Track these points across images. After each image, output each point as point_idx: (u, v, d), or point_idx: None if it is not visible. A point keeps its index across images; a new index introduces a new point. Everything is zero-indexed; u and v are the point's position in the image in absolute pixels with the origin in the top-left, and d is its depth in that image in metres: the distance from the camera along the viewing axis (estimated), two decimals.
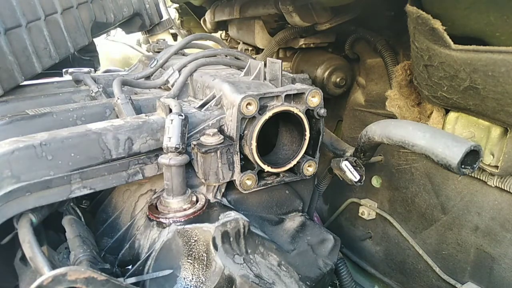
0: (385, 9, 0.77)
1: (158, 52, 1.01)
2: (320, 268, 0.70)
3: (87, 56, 1.54)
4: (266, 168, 0.66)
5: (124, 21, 1.18)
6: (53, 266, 0.53)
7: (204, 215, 0.62)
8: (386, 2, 0.74)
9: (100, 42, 2.39)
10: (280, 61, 0.69)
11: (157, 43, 1.05)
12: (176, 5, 1.61)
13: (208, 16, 1.29)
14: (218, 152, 0.63)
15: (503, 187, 0.67)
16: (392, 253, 0.99)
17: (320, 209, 1.26)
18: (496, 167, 0.65)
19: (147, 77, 0.88)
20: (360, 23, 0.86)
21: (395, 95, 0.77)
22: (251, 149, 0.64)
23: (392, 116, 0.79)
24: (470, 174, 0.66)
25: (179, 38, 1.83)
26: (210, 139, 0.64)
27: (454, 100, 0.62)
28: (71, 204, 0.67)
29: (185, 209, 0.62)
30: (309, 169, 0.71)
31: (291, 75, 0.76)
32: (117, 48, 2.46)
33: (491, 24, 0.53)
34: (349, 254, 1.14)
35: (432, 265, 0.86)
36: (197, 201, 0.64)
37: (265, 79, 0.71)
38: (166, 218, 0.61)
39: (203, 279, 0.58)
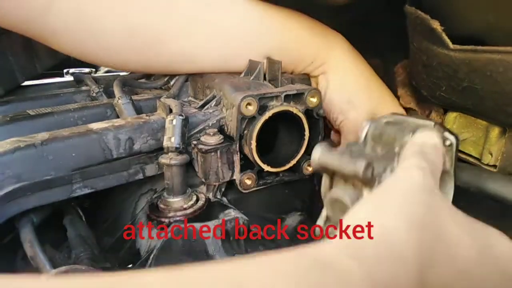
0: (384, 9, 0.78)
1: None
2: None
3: None
4: (266, 167, 0.67)
5: None
6: (54, 265, 0.54)
7: (204, 214, 0.63)
8: (385, 2, 0.74)
9: None
10: (280, 61, 0.70)
11: None
12: None
13: None
14: (218, 151, 0.64)
15: None
16: None
17: None
18: (495, 166, 0.65)
19: (148, 78, 0.89)
20: (360, 23, 0.86)
21: (406, 92, 0.78)
22: (251, 149, 0.64)
23: None
24: None
25: None
26: (210, 139, 0.64)
27: (452, 100, 0.63)
28: (72, 203, 0.67)
29: (185, 208, 0.62)
30: (309, 168, 0.71)
31: (291, 75, 0.76)
32: None
33: (489, 24, 0.53)
34: None
35: None
36: (197, 200, 0.65)
37: (265, 79, 0.71)
38: (166, 217, 0.61)
39: None
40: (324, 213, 0.53)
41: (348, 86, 0.74)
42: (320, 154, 0.50)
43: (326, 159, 0.49)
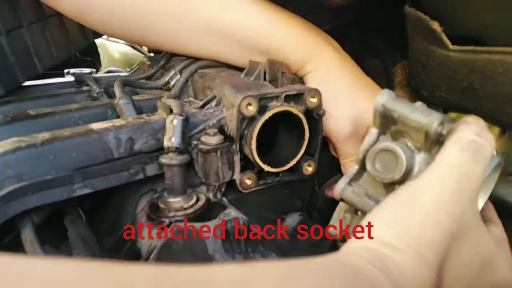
0: (383, 10, 0.78)
1: (159, 53, 1.01)
2: None
3: (88, 57, 1.55)
4: (266, 168, 0.67)
5: None
6: None
7: (204, 214, 0.63)
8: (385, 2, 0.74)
9: (101, 42, 2.40)
10: (280, 61, 0.70)
11: None
12: None
13: None
14: (219, 152, 0.64)
15: None
16: None
17: None
18: None
19: (149, 78, 0.89)
20: (359, 23, 0.87)
21: (402, 94, 0.78)
22: (251, 149, 0.64)
23: None
24: None
25: None
26: (211, 139, 0.64)
27: (452, 101, 0.63)
28: (73, 203, 0.67)
29: (185, 208, 0.62)
30: (309, 168, 0.71)
31: (291, 75, 0.77)
32: (118, 49, 2.47)
33: (489, 25, 0.53)
34: None
35: None
36: (197, 200, 0.65)
37: (265, 79, 0.71)
38: (166, 217, 0.61)
39: None
40: (354, 168, 0.47)
41: (325, 95, 0.70)
42: (387, 97, 0.44)
43: (393, 104, 0.44)
